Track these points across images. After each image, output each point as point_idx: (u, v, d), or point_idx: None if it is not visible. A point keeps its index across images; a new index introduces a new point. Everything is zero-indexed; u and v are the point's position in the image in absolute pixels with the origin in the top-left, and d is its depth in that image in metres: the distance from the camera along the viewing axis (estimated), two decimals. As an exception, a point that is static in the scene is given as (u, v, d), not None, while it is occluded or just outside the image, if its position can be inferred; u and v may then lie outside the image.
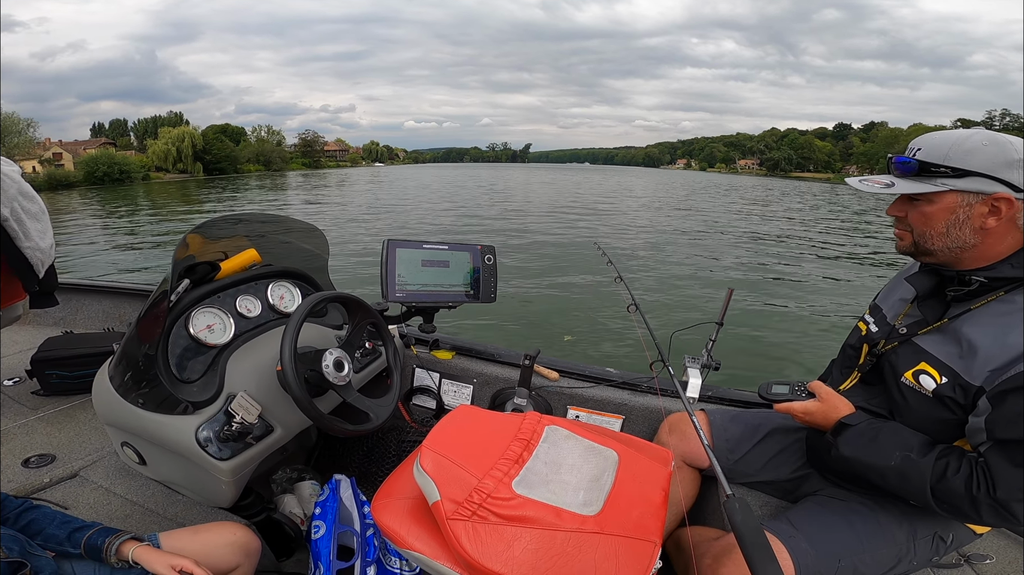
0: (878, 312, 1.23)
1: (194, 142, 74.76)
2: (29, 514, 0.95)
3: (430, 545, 0.96)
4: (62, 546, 0.95)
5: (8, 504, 0.94)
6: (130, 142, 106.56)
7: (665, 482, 1.10)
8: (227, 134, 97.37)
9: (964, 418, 0.98)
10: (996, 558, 1.31)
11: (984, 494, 0.91)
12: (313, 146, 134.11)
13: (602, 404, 1.76)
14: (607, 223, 17.57)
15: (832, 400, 1.12)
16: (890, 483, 1.02)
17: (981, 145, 0.95)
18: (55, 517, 0.97)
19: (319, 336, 1.53)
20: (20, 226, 0.87)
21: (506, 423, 1.14)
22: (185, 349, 1.33)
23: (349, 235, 13.79)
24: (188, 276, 1.41)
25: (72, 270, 10.03)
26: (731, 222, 19.62)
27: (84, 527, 0.98)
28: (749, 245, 13.76)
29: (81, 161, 53.44)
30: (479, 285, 1.65)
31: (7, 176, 0.85)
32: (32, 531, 0.94)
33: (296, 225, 1.89)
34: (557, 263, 9.62)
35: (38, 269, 0.94)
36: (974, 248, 0.99)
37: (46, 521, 0.96)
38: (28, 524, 0.94)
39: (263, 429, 1.27)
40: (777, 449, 1.39)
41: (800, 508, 1.24)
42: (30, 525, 0.94)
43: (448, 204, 22.35)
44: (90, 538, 0.96)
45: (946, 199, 0.98)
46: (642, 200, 26.59)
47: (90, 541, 0.95)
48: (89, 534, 0.96)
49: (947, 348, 1.01)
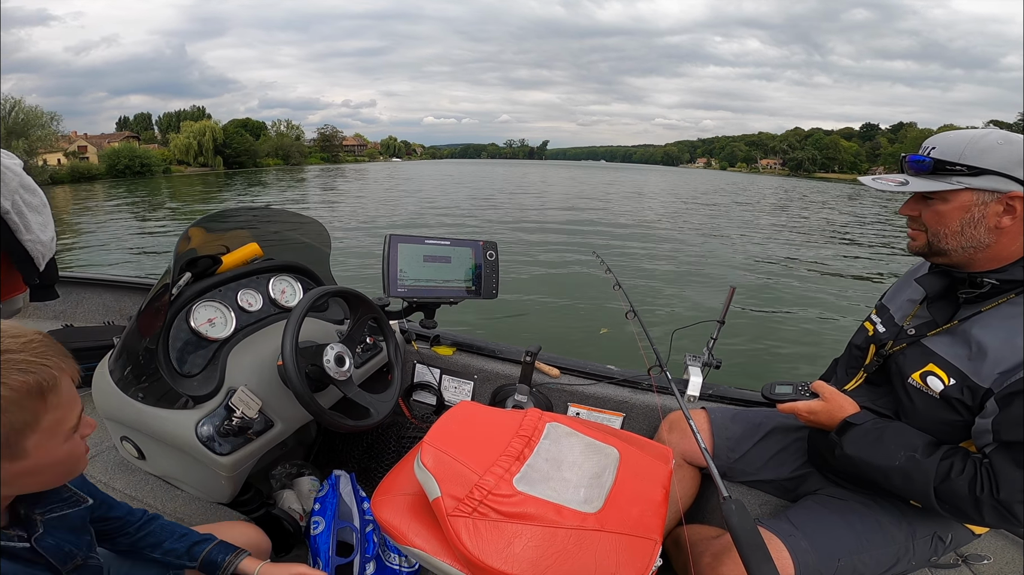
0: (885, 312, 1.23)
1: (215, 136, 75.08)
2: (148, 526, 0.95)
3: (430, 542, 0.96)
4: (180, 559, 0.95)
5: (132, 517, 0.94)
6: (154, 136, 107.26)
7: (666, 480, 1.10)
8: (248, 128, 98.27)
9: (971, 420, 0.98)
10: (994, 558, 1.31)
11: (987, 495, 0.91)
12: (332, 141, 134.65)
13: (603, 401, 1.76)
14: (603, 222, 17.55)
15: (837, 400, 1.11)
16: (894, 483, 1.02)
17: (996, 144, 0.94)
18: (174, 530, 0.98)
19: (320, 331, 1.53)
20: (21, 219, 0.87)
21: (507, 420, 1.14)
22: (186, 343, 1.32)
23: (352, 233, 13.79)
24: (190, 270, 1.41)
25: (74, 263, 10.04)
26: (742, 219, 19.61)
27: (202, 541, 0.98)
28: (756, 245, 13.74)
29: (103, 154, 53.82)
30: (481, 281, 1.64)
31: (8, 169, 0.85)
32: (150, 543, 0.94)
33: (298, 219, 1.88)
34: (558, 271, 9.61)
35: (39, 262, 0.93)
36: (988, 248, 0.99)
37: (164, 534, 0.96)
38: (146, 536, 0.94)
39: (263, 424, 1.27)
40: (778, 448, 1.38)
41: (800, 507, 1.24)
42: (147, 537, 0.95)
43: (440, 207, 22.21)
44: (209, 553, 0.97)
45: (961, 198, 0.98)
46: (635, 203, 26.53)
47: (209, 556, 0.96)
48: (208, 549, 0.97)
49: (956, 350, 1.01)
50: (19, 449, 0.61)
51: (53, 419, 0.63)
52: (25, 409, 0.59)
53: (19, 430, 0.60)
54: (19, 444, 0.60)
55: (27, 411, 0.60)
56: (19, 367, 0.59)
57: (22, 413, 0.59)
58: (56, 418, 0.63)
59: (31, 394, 0.60)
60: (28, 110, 40.18)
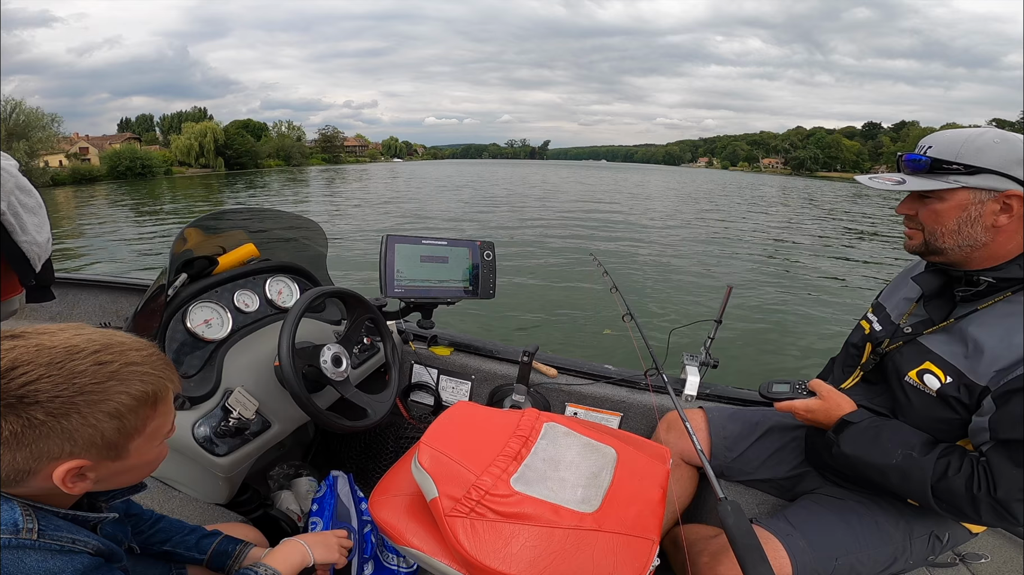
0: (881, 311, 1.23)
1: (216, 137, 74.94)
2: (158, 523, 0.98)
3: (428, 542, 0.96)
4: (190, 552, 0.97)
5: (146, 514, 0.96)
6: (156, 137, 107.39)
7: (663, 480, 1.10)
8: (249, 129, 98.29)
9: (967, 418, 0.98)
10: (991, 557, 1.31)
11: (984, 493, 0.91)
12: (333, 141, 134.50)
13: (600, 401, 1.76)
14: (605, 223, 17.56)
15: (834, 398, 1.12)
16: (891, 481, 1.02)
17: (992, 142, 0.95)
18: (182, 526, 1.00)
19: (317, 331, 1.53)
20: (17, 220, 0.86)
21: (504, 420, 1.14)
22: (182, 344, 1.32)
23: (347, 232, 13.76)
24: (186, 270, 1.41)
25: (78, 265, 10.02)
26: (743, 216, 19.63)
27: (210, 535, 1.00)
28: (755, 243, 13.77)
29: (105, 156, 53.83)
30: (478, 281, 1.64)
31: (4, 171, 0.85)
32: (159, 539, 0.96)
33: (294, 220, 1.88)
34: (556, 271, 9.61)
35: (35, 263, 0.93)
36: (984, 247, 0.99)
37: (173, 530, 0.98)
38: (156, 532, 0.96)
39: (260, 424, 1.27)
40: (775, 447, 1.39)
41: (797, 506, 1.24)
42: (158, 533, 0.96)
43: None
44: (219, 545, 0.99)
45: (958, 196, 0.98)
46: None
47: (219, 547, 0.99)
48: (217, 541, 0.99)
49: (953, 348, 1.01)
50: (123, 450, 0.65)
51: (156, 425, 0.68)
52: (139, 415, 0.65)
53: (129, 434, 0.65)
54: (125, 446, 0.65)
55: (140, 417, 0.65)
56: (141, 378, 0.64)
57: (136, 419, 0.64)
58: (158, 424, 0.69)
59: (146, 402, 0.65)
60: (29, 112, 40.19)
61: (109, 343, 0.64)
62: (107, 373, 0.62)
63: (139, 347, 0.67)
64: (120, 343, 0.65)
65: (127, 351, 0.65)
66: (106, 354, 0.63)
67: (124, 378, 0.63)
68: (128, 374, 0.63)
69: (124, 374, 0.63)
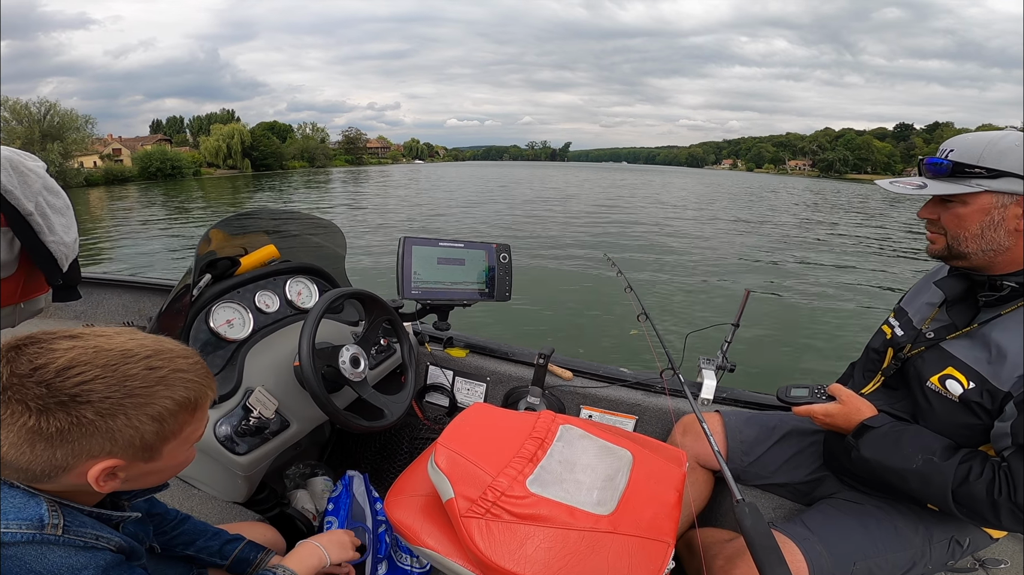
0: (903, 316, 1.21)
1: (243, 139, 75.97)
2: (182, 524, 0.99)
3: (443, 542, 0.97)
4: (212, 558, 0.98)
5: (170, 515, 0.98)
6: (185, 138, 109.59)
7: (679, 483, 1.10)
8: (274, 131, 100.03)
9: (989, 423, 0.97)
10: (1011, 562, 1.29)
11: (1005, 498, 0.90)
12: (356, 143, 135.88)
13: (615, 404, 1.75)
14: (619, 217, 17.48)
15: (854, 403, 1.11)
16: (911, 486, 1.01)
17: (1015, 145, 0.93)
18: (206, 529, 1.01)
19: (335, 332, 1.55)
20: (45, 220, 0.89)
21: (520, 421, 1.14)
22: (205, 343, 1.34)
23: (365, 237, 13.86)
24: (209, 271, 1.43)
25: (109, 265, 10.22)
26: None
27: (233, 540, 1.02)
28: (772, 245, 13.62)
29: (136, 157, 54.93)
30: (494, 284, 1.65)
31: (32, 172, 0.87)
32: (183, 541, 0.97)
33: (314, 222, 1.90)
34: (573, 273, 9.59)
35: (62, 263, 0.95)
36: (1008, 251, 0.98)
37: (197, 532, 0.99)
38: (180, 534, 0.97)
39: (280, 424, 1.28)
40: (793, 451, 1.37)
41: (815, 511, 1.23)
42: (181, 535, 0.98)
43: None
44: (241, 551, 1.00)
45: (980, 200, 0.97)
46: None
47: (241, 554, 1.00)
48: (239, 547, 1.01)
49: (975, 353, 1.00)
50: (158, 452, 0.67)
51: (191, 430, 0.70)
52: (178, 420, 0.67)
53: (166, 437, 0.66)
54: (160, 448, 0.67)
55: (178, 422, 0.67)
56: (186, 384, 0.67)
57: (175, 423, 0.66)
58: (193, 429, 0.71)
59: (187, 408, 0.67)
60: (63, 113, 41.03)
61: (160, 349, 0.66)
62: (156, 378, 0.64)
63: (186, 355, 0.69)
64: (169, 350, 0.67)
65: (175, 358, 0.67)
66: (157, 359, 0.65)
67: (170, 383, 0.65)
68: (174, 380, 0.65)
69: (171, 379, 0.65)
